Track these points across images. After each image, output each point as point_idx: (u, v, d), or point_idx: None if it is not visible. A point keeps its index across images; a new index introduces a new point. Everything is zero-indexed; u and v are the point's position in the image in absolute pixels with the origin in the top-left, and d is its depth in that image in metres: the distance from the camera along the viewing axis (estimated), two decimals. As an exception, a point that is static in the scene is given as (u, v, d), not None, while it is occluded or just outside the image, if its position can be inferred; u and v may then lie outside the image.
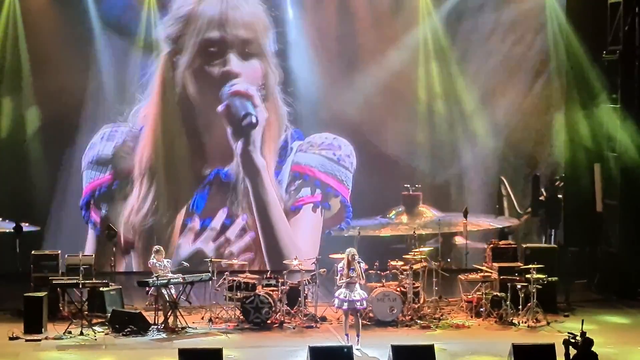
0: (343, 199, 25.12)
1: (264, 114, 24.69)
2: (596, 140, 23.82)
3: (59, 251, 21.65)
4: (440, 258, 22.04)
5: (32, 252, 21.59)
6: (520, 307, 20.16)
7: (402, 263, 20.98)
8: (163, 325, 19.62)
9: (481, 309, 20.51)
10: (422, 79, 25.15)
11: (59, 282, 20.19)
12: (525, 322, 20.02)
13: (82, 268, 20.14)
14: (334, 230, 25.13)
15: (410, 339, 18.76)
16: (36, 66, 24.31)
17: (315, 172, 25.05)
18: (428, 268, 21.09)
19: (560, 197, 25.15)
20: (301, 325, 20.03)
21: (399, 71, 24.97)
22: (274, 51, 24.80)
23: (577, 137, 24.15)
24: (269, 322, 19.99)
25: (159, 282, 19.68)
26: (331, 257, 20.46)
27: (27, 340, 18.95)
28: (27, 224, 23.58)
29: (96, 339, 19.02)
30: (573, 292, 22.25)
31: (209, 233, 24.77)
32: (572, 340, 14.61)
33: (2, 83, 24.30)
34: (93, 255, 22.71)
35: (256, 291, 20.15)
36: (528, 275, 20.20)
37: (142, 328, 19.49)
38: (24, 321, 19.42)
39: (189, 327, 19.75)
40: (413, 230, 22.97)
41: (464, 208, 22.74)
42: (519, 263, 21.35)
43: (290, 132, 25.03)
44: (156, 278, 19.71)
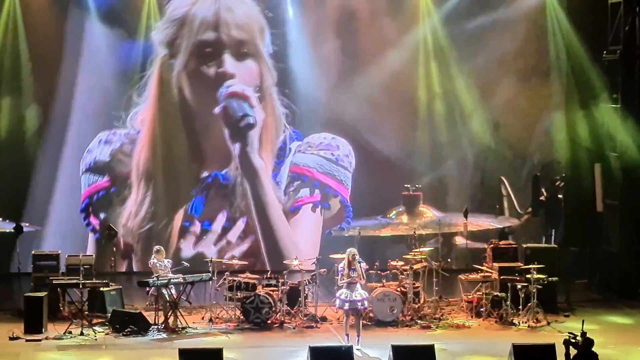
0: (343, 199, 25.09)
1: (261, 115, 24.66)
2: (596, 140, 23.82)
3: (59, 251, 21.68)
4: (440, 258, 22.05)
5: (32, 252, 21.62)
6: (520, 307, 20.15)
7: (403, 263, 20.97)
8: (163, 325, 19.61)
9: (481, 309, 20.50)
10: (422, 79, 25.13)
11: (59, 282, 20.17)
12: (525, 322, 20.01)
13: (83, 268, 20.17)
14: (335, 230, 25.12)
15: (410, 339, 18.75)
16: (36, 66, 24.30)
17: (313, 173, 25.01)
18: (428, 268, 21.08)
19: (560, 197, 25.12)
20: (301, 325, 20.03)
21: (399, 71, 24.95)
22: (271, 52, 24.76)
23: (578, 137, 24.15)
24: (269, 322, 19.98)
25: (159, 282, 19.67)
26: (331, 257, 20.47)
27: (28, 340, 18.94)
28: (27, 224, 23.59)
29: (96, 339, 19.01)
30: (573, 292, 22.25)
31: (210, 236, 24.72)
32: (573, 340, 14.60)
33: (2, 83, 24.28)
34: (93, 255, 22.73)
35: (256, 291, 20.14)
36: (528, 275, 20.19)
37: (143, 328, 19.48)
38: (24, 321, 19.41)
39: (189, 327, 19.75)
40: (413, 230, 22.98)
41: (465, 208, 22.75)
42: (519, 263, 21.34)
43: (288, 133, 25.00)
44: (156, 278, 19.70)
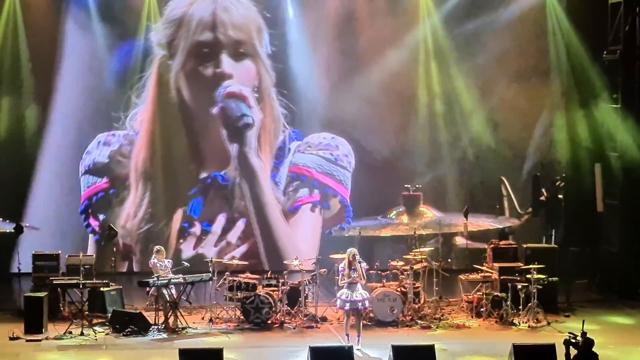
0: (342, 199, 25.07)
1: (259, 115, 24.63)
2: (597, 140, 23.82)
3: (60, 251, 21.68)
4: (440, 258, 22.05)
5: (33, 252, 21.59)
6: (520, 308, 20.14)
7: (403, 263, 20.97)
8: (163, 325, 19.61)
9: (482, 309, 20.50)
10: (422, 79, 25.13)
11: (60, 282, 20.17)
12: (525, 323, 20.00)
13: (83, 268, 20.17)
14: (335, 230, 25.09)
15: (410, 339, 18.75)
16: (36, 66, 24.29)
17: (312, 173, 24.98)
18: (428, 268, 21.07)
19: (560, 197, 25.10)
20: (301, 325, 20.02)
21: (399, 71, 24.95)
22: (270, 52, 24.73)
23: (578, 137, 24.16)
24: (270, 322, 19.97)
25: (160, 282, 19.66)
26: (332, 257, 20.47)
27: (28, 340, 18.94)
28: (27, 224, 23.57)
29: (97, 339, 19.01)
30: (574, 292, 22.24)
31: (210, 237, 24.69)
32: (573, 340, 14.60)
33: (2, 83, 24.27)
34: (94, 255, 22.73)
35: (256, 291, 20.14)
36: (529, 275, 20.18)
37: (143, 328, 19.48)
38: (25, 321, 19.41)
39: (190, 327, 19.75)
40: (413, 230, 22.97)
41: (465, 208, 22.74)
42: (520, 263, 21.34)
43: (288, 133, 24.98)
44: (157, 278, 19.69)
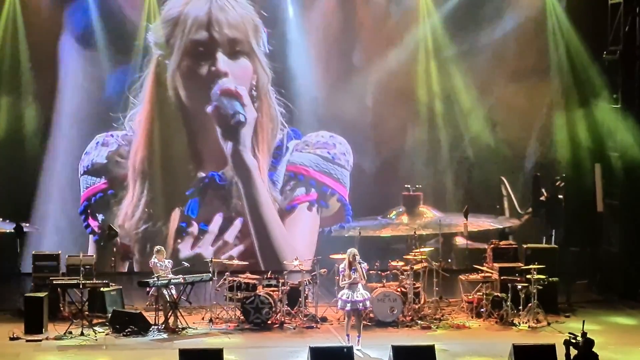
0: (340, 197, 25.02)
1: (254, 114, 24.55)
2: (597, 140, 23.81)
3: (60, 251, 21.68)
4: (440, 258, 22.04)
5: (33, 252, 21.60)
6: (520, 308, 20.13)
7: (403, 263, 20.96)
8: (163, 325, 19.61)
9: (482, 310, 20.49)
10: (422, 78, 25.11)
11: (60, 283, 20.17)
12: (526, 323, 20.00)
13: (83, 268, 20.16)
14: (335, 229, 25.04)
15: (410, 340, 18.76)
16: (36, 66, 24.27)
17: (310, 172, 24.95)
18: (429, 268, 21.05)
19: (560, 197, 25.09)
20: (301, 325, 20.02)
21: (398, 70, 24.94)
22: (267, 51, 24.69)
23: (578, 137, 24.14)
24: (270, 323, 19.97)
25: (160, 283, 19.66)
26: (332, 258, 20.46)
27: (28, 340, 18.94)
28: (28, 225, 23.57)
29: (97, 340, 19.01)
30: (574, 293, 22.23)
31: (207, 237, 24.66)
32: (573, 340, 14.58)
33: (2, 83, 24.26)
34: (94, 255, 22.73)
35: (256, 291, 20.14)
36: (529, 275, 20.18)
37: (143, 328, 19.48)
38: (25, 321, 19.40)
39: (190, 328, 19.74)
40: (413, 230, 22.97)
41: (465, 208, 22.72)
42: (520, 263, 21.33)
43: (286, 132, 24.95)
44: (157, 278, 19.68)
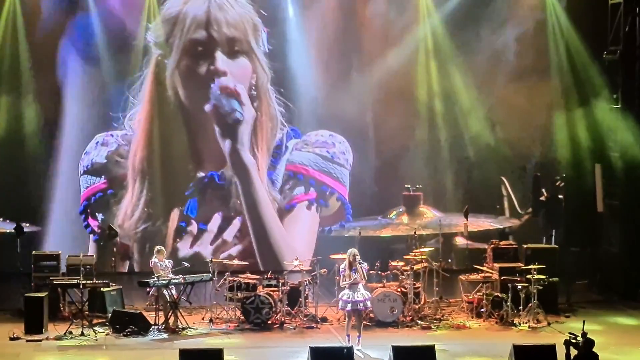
0: (340, 196, 25.00)
1: (252, 112, 24.50)
2: (597, 140, 23.81)
3: (60, 251, 21.69)
4: (441, 258, 22.04)
5: (33, 252, 21.60)
6: (521, 308, 20.14)
7: (403, 263, 20.96)
8: (164, 325, 19.61)
9: (482, 310, 20.49)
10: (422, 78, 25.10)
11: (60, 282, 20.17)
12: (526, 323, 20.00)
13: (83, 268, 20.15)
14: (335, 228, 25.01)
15: (411, 340, 18.77)
16: (36, 65, 24.26)
17: (309, 171, 24.92)
18: (429, 268, 21.05)
19: (561, 197, 25.11)
20: (302, 325, 20.02)
21: (399, 70, 24.93)
22: (267, 51, 24.66)
23: (578, 137, 24.14)
24: (270, 323, 19.97)
25: (160, 283, 19.66)
26: (332, 258, 20.46)
27: (28, 340, 18.95)
28: (28, 224, 23.56)
29: (97, 340, 19.01)
30: (574, 293, 22.24)
31: (206, 236, 24.63)
32: (573, 340, 14.57)
33: (2, 83, 24.25)
34: (94, 255, 22.73)
35: (257, 291, 20.14)
36: (529, 275, 20.18)
37: (143, 328, 19.47)
38: (25, 321, 19.41)
39: (190, 328, 19.74)
40: (414, 230, 22.96)
41: (465, 208, 22.69)
42: (520, 263, 21.33)
43: (286, 131, 24.92)
44: (157, 278, 19.68)
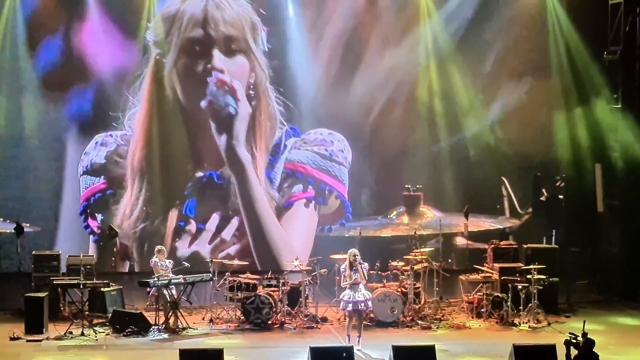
0: (339, 194, 24.98)
1: (248, 109, 24.39)
2: (597, 140, 23.81)
3: (60, 251, 21.69)
4: (441, 258, 22.04)
5: (33, 252, 21.58)
6: (521, 308, 20.15)
7: (403, 263, 20.96)
8: (164, 325, 19.61)
9: (482, 310, 20.50)
10: (422, 78, 25.08)
11: (60, 282, 20.17)
12: (526, 323, 20.01)
13: (83, 268, 20.15)
14: (335, 227, 24.98)
15: (411, 340, 18.77)
16: (36, 65, 24.26)
17: (307, 169, 24.89)
18: (429, 268, 21.05)
19: (561, 197, 25.12)
20: (302, 325, 20.02)
21: (399, 70, 24.89)
22: (266, 49, 24.63)
23: (578, 137, 24.14)
24: (270, 323, 19.97)
25: (160, 283, 19.66)
26: (332, 258, 20.47)
27: (28, 340, 18.94)
28: (28, 224, 23.55)
29: (97, 340, 19.01)
30: (574, 293, 22.25)
31: (205, 236, 24.60)
32: (574, 340, 14.57)
33: (2, 82, 24.23)
34: (94, 255, 22.73)
35: (257, 292, 20.14)
36: (529, 275, 20.19)
37: (143, 328, 19.47)
38: (25, 321, 19.40)
39: (190, 328, 19.74)
40: (414, 230, 22.95)
41: (465, 208, 22.69)
42: (520, 263, 21.34)
43: (285, 130, 24.91)
44: (157, 278, 19.68)
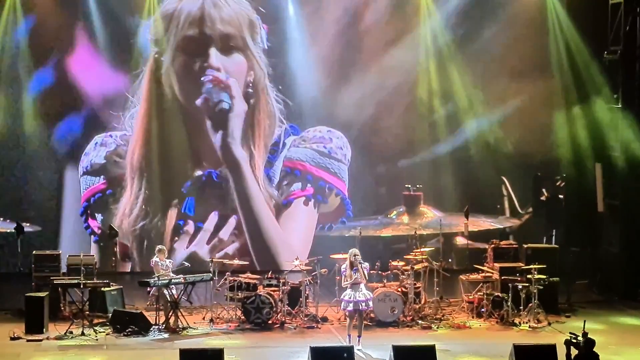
0: (338, 192, 24.96)
1: (243, 106, 24.36)
2: (597, 139, 23.81)
3: (60, 251, 21.70)
4: (441, 258, 22.04)
5: (34, 252, 21.58)
6: (521, 308, 20.15)
7: (403, 263, 20.96)
8: (164, 325, 19.61)
9: (482, 310, 20.50)
10: (422, 77, 25.09)
11: (61, 282, 20.17)
12: (526, 323, 20.01)
13: (84, 268, 20.15)
14: (336, 225, 24.96)
15: (411, 340, 18.76)
16: (38, 59, 24.25)
17: (306, 167, 24.87)
18: (429, 268, 21.05)
19: (561, 197, 25.14)
20: (302, 325, 20.02)
21: (399, 69, 24.89)
22: (265, 48, 24.60)
23: (578, 137, 24.14)
24: (270, 323, 19.98)
25: (160, 282, 19.66)
26: (332, 257, 20.48)
27: (28, 340, 18.94)
28: (28, 224, 23.56)
29: (97, 339, 19.01)
30: (574, 293, 22.24)
31: (203, 235, 24.57)
32: (574, 340, 14.58)
33: (2, 81, 24.23)
34: (94, 255, 22.74)
35: (257, 291, 20.14)
36: (529, 275, 20.20)
37: (143, 328, 19.47)
38: (25, 321, 19.40)
39: (190, 328, 19.75)
40: (414, 230, 22.96)
41: (465, 208, 22.69)
42: (520, 263, 21.34)
43: (284, 129, 24.90)
44: (157, 278, 19.68)
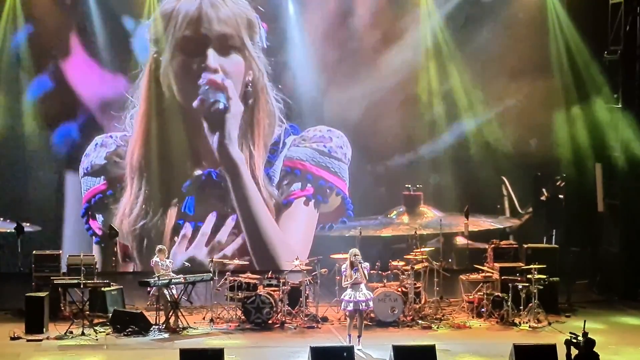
0: (339, 191, 24.96)
1: (240, 107, 24.34)
2: (597, 139, 23.81)
3: (61, 251, 21.70)
4: (441, 258, 22.05)
5: (34, 252, 21.58)
6: (521, 308, 20.15)
7: (404, 263, 20.97)
8: (164, 325, 19.61)
9: (482, 310, 20.50)
10: (422, 77, 25.10)
11: (61, 282, 20.17)
12: (526, 323, 20.01)
13: (84, 268, 20.15)
14: (337, 225, 24.96)
15: (411, 340, 18.77)
16: (37, 64, 24.26)
17: (306, 166, 24.87)
18: (429, 268, 21.06)
19: (561, 197, 25.14)
20: (302, 325, 20.02)
21: (399, 69, 24.89)
22: (264, 47, 24.59)
23: (578, 137, 24.14)
24: (270, 323, 19.98)
25: (161, 282, 19.67)
26: (332, 257, 20.48)
27: (29, 340, 18.94)
28: (28, 224, 23.57)
29: (97, 339, 19.01)
30: (574, 293, 22.25)
31: (202, 235, 24.49)
32: (574, 340, 14.58)
33: (2, 81, 24.24)
34: (94, 255, 22.73)
35: (257, 291, 20.15)
36: (529, 275, 20.20)
37: (144, 328, 19.48)
38: (25, 321, 19.40)
39: (190, 327, 19.74)
40: (414, 230, 22.96)
41: (465, 208, 22.69)
42: (520, 263, 21.35)
43: (284, 128, 24.89)
44: (158, 278, 19.69)
